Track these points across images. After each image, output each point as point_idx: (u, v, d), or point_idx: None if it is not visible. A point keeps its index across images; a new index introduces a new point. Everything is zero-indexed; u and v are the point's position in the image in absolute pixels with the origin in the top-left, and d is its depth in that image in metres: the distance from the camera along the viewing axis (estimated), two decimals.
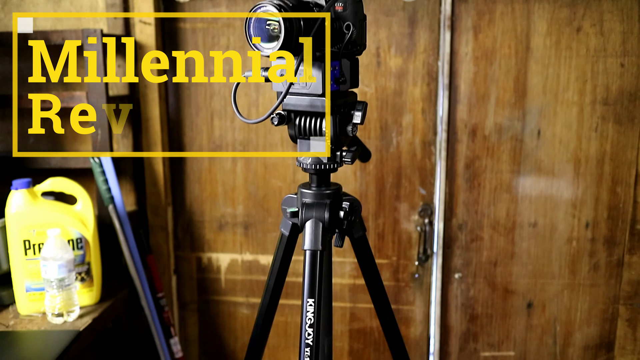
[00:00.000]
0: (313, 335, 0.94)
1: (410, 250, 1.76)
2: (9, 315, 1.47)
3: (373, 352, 1.83)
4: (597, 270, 1.71)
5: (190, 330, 1.89)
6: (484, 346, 1.80)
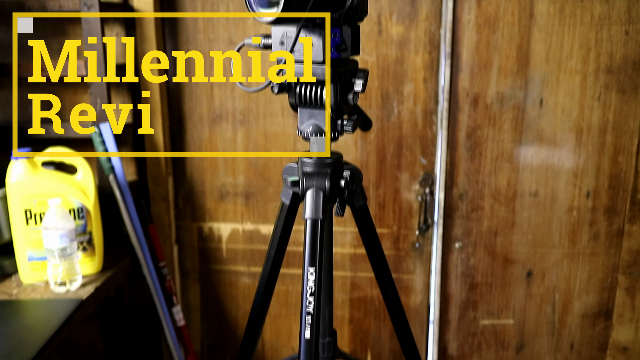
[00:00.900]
0: (314, 304, 0.94)
1: (411, 220, 1.76)
2: (12, 284, 1.48)
3: (373, 320, 1.85)
4: (597, 239, 1.72)
5: (192, 299, 1.91)
6: (484, 314, 1.81)
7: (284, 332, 1.90)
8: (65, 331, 1.27)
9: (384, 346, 1.87)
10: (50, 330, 1.23)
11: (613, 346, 1.80)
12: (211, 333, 1.94)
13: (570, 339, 1.80)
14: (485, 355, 1.84)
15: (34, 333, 1.22)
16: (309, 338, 0.94)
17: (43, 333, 1.22)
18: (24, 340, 1.19)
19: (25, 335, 1.22)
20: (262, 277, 1.13)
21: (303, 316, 0.94)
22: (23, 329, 1.25)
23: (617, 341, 1.79)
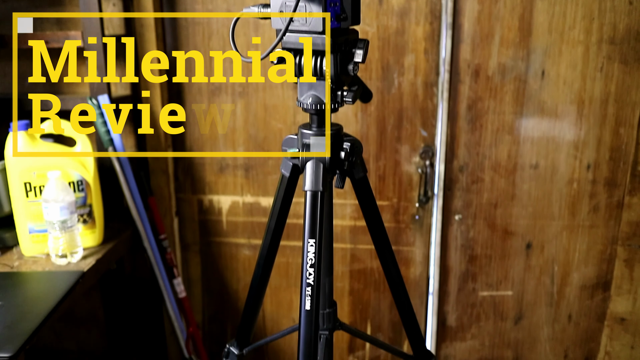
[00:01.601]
0: (314, 275, 0.94)
1: (411, 192, 1.76)
2: (14, 257, 1.49)
3: (373, 291, 1.86)
4: (596, 211, 1.72)
5: (192, 271, 1.92)
6: (483, 286, 1.82)
7: (285, 303, 1.91)
8: (67, 303, 1.28)
9: (384, 317, 1.88)
10: (52, 301, 1.24)
11: (611, 317, 1.81)
12: (212, 305, 1.95)
13: (569, 310, 1.82)
14: (484, 326, 1.86)
15: (36, 304, 1.23)
16: (309, 309, 0.95)
17: (45, 305, 1.23)
18: (27, 312, 1.20)
19: (28, 306, 1.22)
20: (262, 249, 1.13)
21: (303, 287, 0.94)
22: (25, 300, 1.26)
23: (615, 312, 1.81)
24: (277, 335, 1.27)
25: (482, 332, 1.87)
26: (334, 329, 1.17)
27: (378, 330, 1.90)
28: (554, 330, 1.84)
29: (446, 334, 1.88)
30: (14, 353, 1.06)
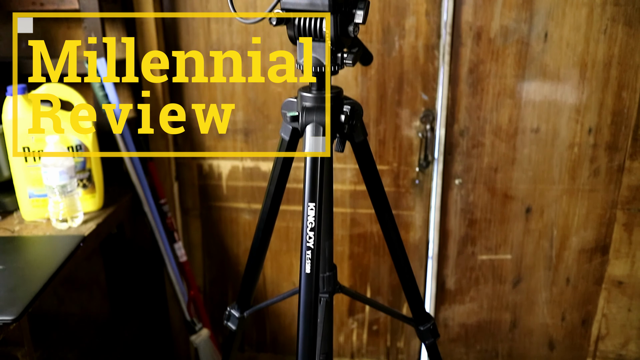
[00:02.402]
0: (314, 239, 0.95)
1: (411, 157, 1.76)
2: (14, 221, 1.49)
3: (373, 255, 1.88)
4: (597, 175, 1.72)
5: (193, 236, 1.93)
6: (482, 250, 1.83)
7: (285, 267, 1.92)
8: (69, 267, 1.29)
9: (383, 281, 1.90)
10: (53, 265, 1.24)
11: (608, 280, 1.83)
12: (213, 268, 1.96)
13: (567, 273, 1.83)
14: (482, 289, 1.88)
15: (38, 268, 1.24)
16: (310, 272, 0.95)
17: (47, 268, 1.23)
18: (28, 276, 1.21)
19: (29, 270, 1.23)
20: (262, 214, 1.13)
21: (303, 251, 0.95)
22: (27, 264, 1.26)
23: (613, 275, 1.82)
24: (278, 298, 1.28)
25: (481, 295, 1.89)
26: (334, 292, 1.17)
27: (378, 293, 1.92)
28: (552, 293, 1.86)
29: (445, 297, 1.90)
30: (17, 316, 1.07)
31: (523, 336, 1.92)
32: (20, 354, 1.19)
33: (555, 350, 1.92)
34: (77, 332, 1.74)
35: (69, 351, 1.65)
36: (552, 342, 1.92)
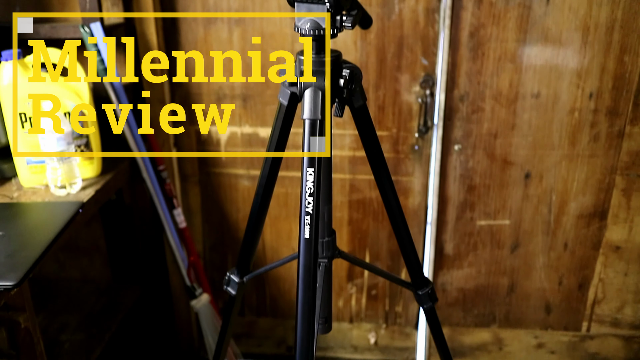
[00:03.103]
0: (313, 204, 0.95)
1: (411, 122, 1.75)
2: (12, 188, 1.49)
3: (372, 221, 1.88)
4: (597, 141, 1.71)
5: (192, 202, 1.93)
6: (480, 215, 1.84)
7: (284, 233, 1.93)
8: (68, 232, 1.29)
9: (382, 246, 1.91)
10: (53, 231, 1.25)
11: (606, 245, 1.84)
12: (212, 234, 1.97)
13: (565, 238, 1.84)
14: (480, 254, 1.89)
15: (37, 234, 1.24)
16: (308, 237, 0.95)
17: (46, 234, 1.23)
18: (28, 242, 1.21)
19: (29, 236, 1.23)
20: (261, 179, 1.13)
21: (302, 216, 0.95)
22: (26, 230, 1.27)
23: (611, 240, 1.83)
24: (277, 263, 1.28)
25: (479, 260, 1.90)
26: (333, 257, 1.18)
27: (376, 258, 1.93)
28: (550, 258, 1.87)
29: (443, 262, 1.92)
30: (17, 282, 1.08)
31: (520, 300, 1.94)
32: (22, 318, 1.20)
33: (552, 313, 1.95)
34: (78, 298, 1.76)
35: (70, 316, 1.66)
36: (548, 306, 1.94)
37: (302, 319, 0.94)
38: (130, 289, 1.81)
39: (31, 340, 1.23)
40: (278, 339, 2.10)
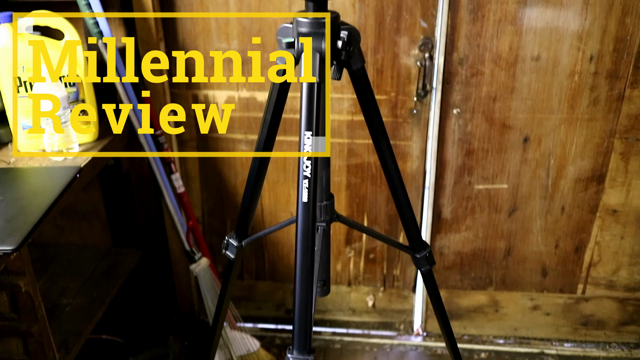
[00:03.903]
0: (311, 168, 0.94)
1: (409, 86, 1.74)
2: (9, 153, 1.48)
3: (370, 185, 1.88)
4: (596, 104, 1.70)
5: (190, 167, 1.92)
6: (478, 179, 1.84)
7: (283, 197, 1.93)
8: (66, 197, 1.29)
9: (380, 211, 1.92)
10: (51, 196, 1.25)
11: (603, 209, 1.85)
12: (211, 199, 1.97)
13: (562, 202, 1.84)
14: (478, 218, 1.90)
15: (36, 199, 1.24)
16: (307, 201, 0.95)
17: (44, 200, 1.23)
18: (26, 206, 1.21)
19: (27, 201, 1.23)
20: (259, 143, 1.12)
21: (300, 180, 0.95)
22: (24, 195, 1.27)
23: (608, 204, 1.84)
24: (275, 227, 1.29)
25: (476, 224, 1.91)
26: (332, 220, 1.18)
27: (374, 223, 1.94)
28: (547, 221, 1.88)
29: (441, 226, 1.93)
30: (17, 246, 1.08)
31: (517, 264, 1.96)
32: (22, 282, 1.21)
33: (548, 276, 1.97)
34: (78, 262, 1.77)
35: (71, 280, 1.68)
36: (545, 269, 1.96)
37: (300, 281, 0.95)
38: (130, 254, 1.82)
39: (32, 304, 1.24)
40: (277, 302, 2.12)
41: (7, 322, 1.29)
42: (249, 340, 1.93)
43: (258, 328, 2.15)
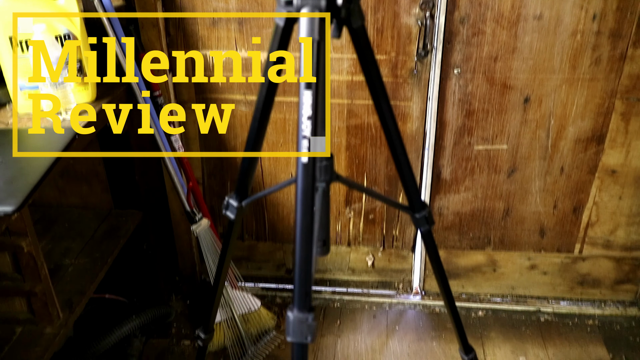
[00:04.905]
0: (311, 127, 0.94)
1: (410, 46, 1.72)
2: (7, 114, 1.47)
3: (370, 147, 1.88)
4: (598, 64, 1.69)
5: (190, 128, 1.92)
6: (478, 140, 1.84)
7: (282, 159, 1.93)
8: (66, 159, 1.29)
9: (380, 172, 1.92)
10: (50, 157, 1.24)
11: (602, 169, 1.85)
12: (211, 161, 1.97)
13: (561, 163, 1.85)
14: (477, 178, 1.90)
15: (35, 161, 1.24)
16: (306, 162, 0.95)
17: (43, 161, 1.23)
18: (25, 168, 1.21)
19: (26, 162, 1.23)
20: (258, 103, 1.12)
21: (300, 140, 0.94)
22: (23, 157, 1.26)
23: (607, 164, 1.84)
24: (275, 187, 1.29)
25: (476, 185, 1.91)
26: (331, 180, 1.19)
27: (374, 184, 1.94)
28: (546, 182, 1.88)
29: (440, 186, 1.93)
30: (17, 207, 1.09)
31: (515, 224, 1.97)
32: (24, 243, 1.22)
33: (546, 236, 1.98)
34: (79, 223, 1.78)
35: (73, 241, 1.69)
36: (542, 230, 1.97)
37: (300, 241, 0.96)
38: (131, 215, 1.83)
39: (35, 264, 1.26)
40: (277, 262, 2.15)
41: (11, 282, 1.30)
42: (250, 299, 1.96)
43: (259, 287, 2.18)
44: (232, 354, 1.89)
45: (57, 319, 1.37)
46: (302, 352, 0.97)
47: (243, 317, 1.95)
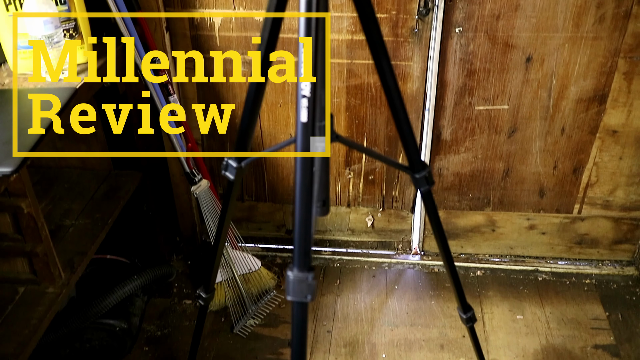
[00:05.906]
0: (310, 87, 0.93)
1: (411, 4, 1.69)
2: (3, 74, 1.46)
3: (370, 107, 1.87)
4: (602, 22, 1.66)
5: (188, 89, 1.90)
6: (479, 100, 1.82)
7: (282, 119, 1.92)
8: (64, 119, 1.28)
9: (380, 132, 1.91)
10: (47, 117, 1.23)
11: (603, 129, 1.84)
12: (210, 122, 1.96)
13: (562, 123, 1.84)
14: (478, 139, 1.89)
15: (32, 121, 1.23)
16: (306, 121, 0.95)
17: (42, 121, 1.22)
18: (23, 128, 1.20)
19: (24, 123, 1.22)
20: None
21: (299, 99, 0.93)
22: (21, 117, 1.25)
23: (608, 125, 1.83)
24: (275, 147, 1.29)
25: (476, 145, 1.91)
26: (331, 140, 1.18)
27: (374, 144, 1.93)
28: (546, 142, 1.88)
29: (440, 147, 1.92)
30: (15, 167, 1.09)
31: (515, 184, 1.97)
32: (24, 204, 1.22)
33: (545, 197, 1.99)
34: (79, 184, 1.78)
35: (73, 202, 1.69)
36: (542, 190, 1.97)
37: (300, 201, 0.96)
38: (131, 176, 1.83)
39: (35, 225, 1.26)
40: (277, 222, 2.16)
41: (12, 242, 1.31)
42: (250, 260, 1.98)
43: (259, 248, 2.20)
44: (233, 313, 1.91)
45: (59, 279, 1.38)
46: (302, 311, 0.98)
47: (244, 277, 1.97)
